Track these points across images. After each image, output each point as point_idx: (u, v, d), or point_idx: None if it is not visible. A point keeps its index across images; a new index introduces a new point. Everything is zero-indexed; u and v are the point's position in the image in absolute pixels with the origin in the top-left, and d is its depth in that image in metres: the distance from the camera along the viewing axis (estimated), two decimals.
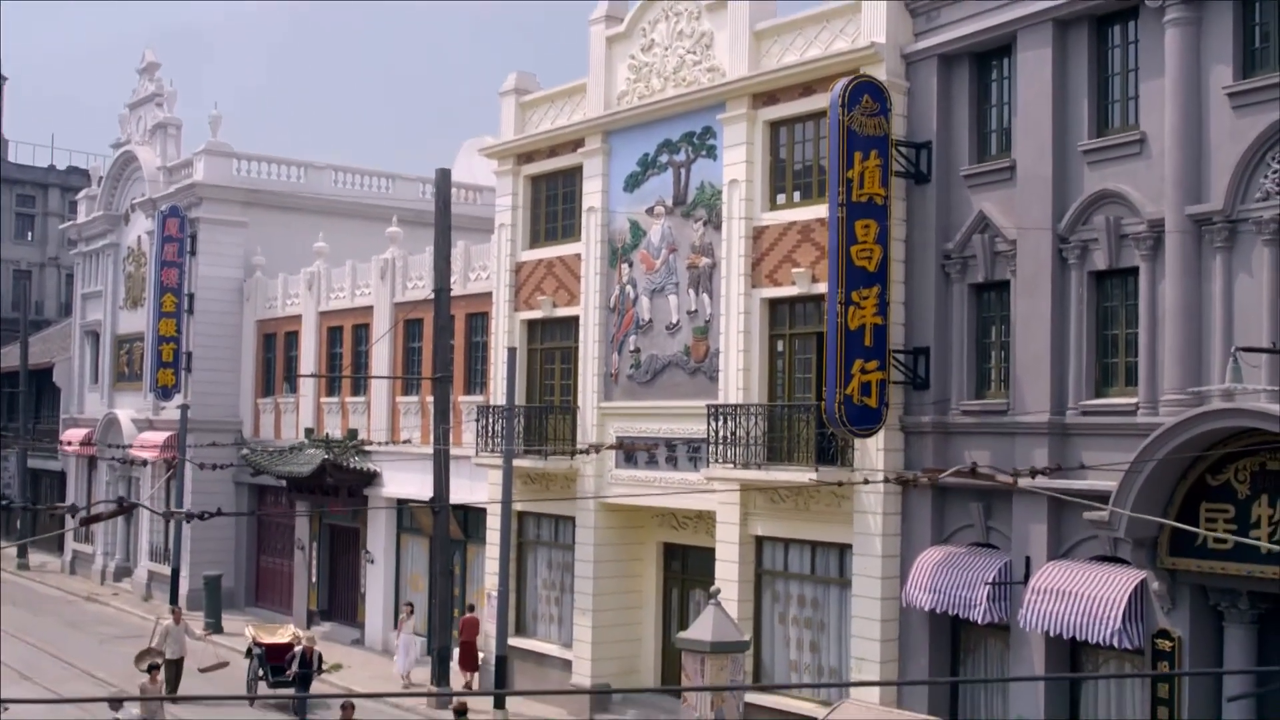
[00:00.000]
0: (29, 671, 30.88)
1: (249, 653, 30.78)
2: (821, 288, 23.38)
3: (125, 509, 10.99)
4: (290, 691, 28.75)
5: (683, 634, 23.13)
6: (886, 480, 19.18)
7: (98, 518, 11.12)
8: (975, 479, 15.37)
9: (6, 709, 21.11)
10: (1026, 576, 20.17)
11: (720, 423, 24.20)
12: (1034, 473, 14.98)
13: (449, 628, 30.45)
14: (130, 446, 44.47)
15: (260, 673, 30.08)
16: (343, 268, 39.48)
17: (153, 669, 25.46)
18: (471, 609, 31.70)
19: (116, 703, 28.52)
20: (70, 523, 43.45)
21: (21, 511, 56.52)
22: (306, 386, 40.34)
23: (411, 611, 32.47)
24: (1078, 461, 19.87)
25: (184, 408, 42.27)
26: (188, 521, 12.61)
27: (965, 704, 21.75)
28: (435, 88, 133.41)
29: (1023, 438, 20.59)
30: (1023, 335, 20.81)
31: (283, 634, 31.08)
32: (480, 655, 30.79)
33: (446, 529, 30.15)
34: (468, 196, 44.48)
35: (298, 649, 28.83)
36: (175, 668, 29.64)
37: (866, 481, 19.45)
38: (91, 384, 53.36)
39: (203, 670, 29.18)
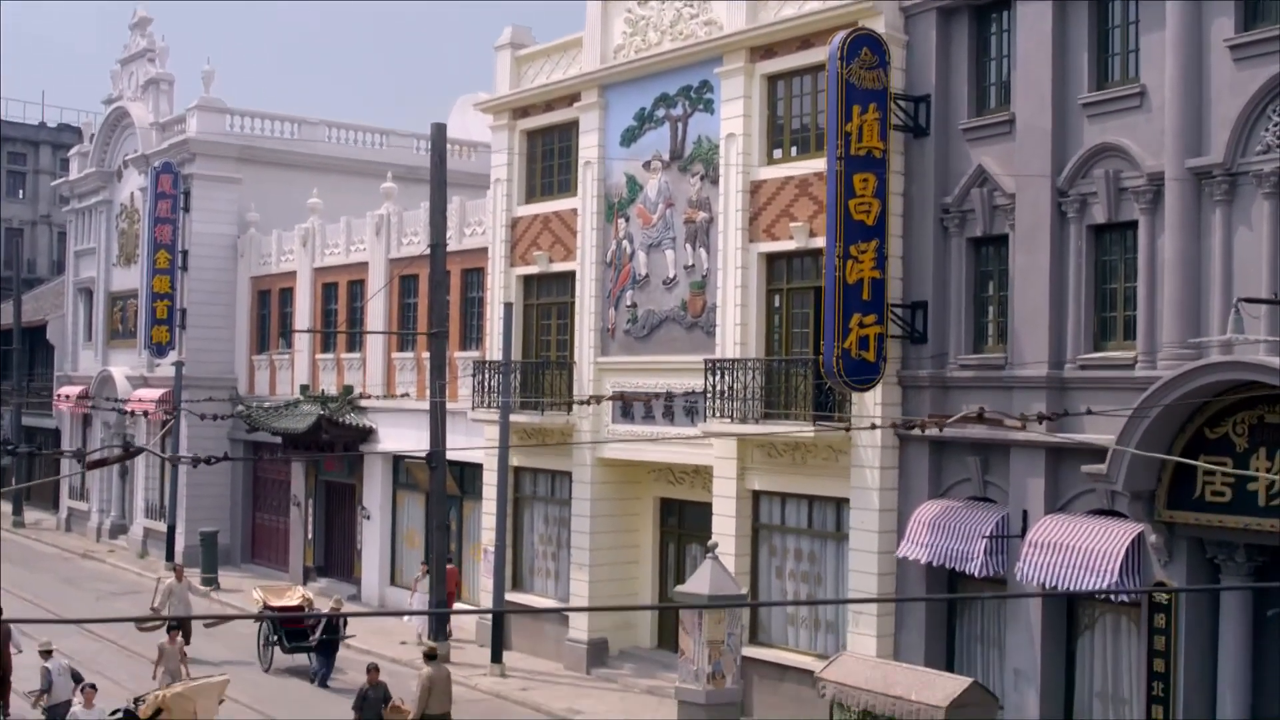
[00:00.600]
0: (26, 628, 30.88)
1: (259, 617, 29.92)
2: (819, 242, 23.33)
3: (132, 454, 10.99)
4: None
5: (680, 587, 23.23)
6: (893, 427, 19.15)
7: (104, 461, 11.16)
8: (982, 423, 15.34)
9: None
10: (1024, 530, 20.22)
11: (718, 377, 24.19)
12: (1041, 418, 15.02)
13: (444, 582, 30.49)
14: (125, 401, 44.40)
15: (273, 637, 29.07)
16: (337, 224, 39.36)
17: (171, 629, 25.16)
18: (450, 561, 32.21)
19: (144, 623, 28.71)
20: (76, 467, 43.13)
21: (26, 457, 56.49)
22: (301, 343, 40.28)
23: (427, 571, 31.45)
24: (1077, 418, 19.86)
25: (179, 364, 42.23)
26: (194, 466, 12.58)
27: (962, 656, 21.84)
28: (429, 44, 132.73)
29: (1020, 391, 20.59)
30: (1021, 289, 20.79)
31: (291, 596, 30.12)
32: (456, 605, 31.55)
33: (443, 484, 30.16)
34: (462, 153, 44.35)
35: (325, 611, 28.27)
36: (180, 626, 29.38)
37: (874, 426, 19.49)
38: (85, 341, 53.29)
39: (208, 626, 28.98)
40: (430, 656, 22.70)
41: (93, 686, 20.56)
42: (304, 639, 28.61)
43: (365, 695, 21.85)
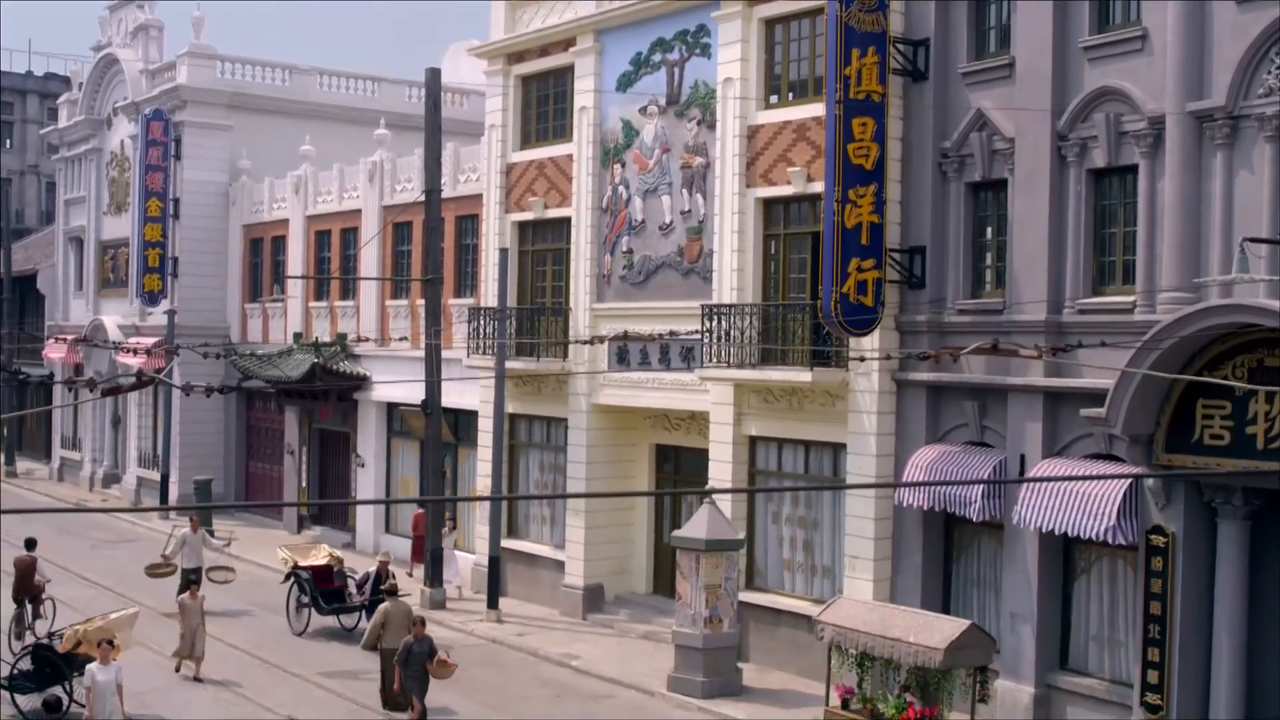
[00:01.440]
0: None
1: (289, 577, 27.93)
2: (817, 187, 23.25)
3: (145, 383, 10.94)
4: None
5: (678, 532, 23.29)
6: (908, 356, 19.10)
7: (118, 389, 11.07)
8: (996, 354, 15.29)
9: None
10: (1021, 474, 20.25)
11: (715, 323, 24.15)
12: (1054, 350, 15.12)
13: (440, 528, 30.56)
14: (121, 343, 44.19)
15: (305, 598, 27.45)
16: (330, 171, 39.19)
17: (191, 584, 24.45)
18: (422, 505, 33.07)
19: (156, 570, 28.62)
20: (84, 399, 42.69)
21: (18, 398, 56.40)
22: (294, 290, 40.19)
23: (454, 526, 31.41)
24: (1075, 361, 19.88)
25: (171, 313, 42.16)
26: (208, 395, 12.50)
27: (958, 600, 21.91)
28: None
29: (1019, 336, 20.54)
30: (1020, 234, 20.73)
31: (317, 555, 28.29)
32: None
33: (439, 430, 30.17)
34: (455, 100, 44.12)
35: (371, 570, 26.85)
36: (191, 578, 28.32)
37: (888, 357, 19.45)
38: (76, 291, 53.10)
39: (210, 576, 28.53)
40: (390, 593, 23.23)
41: (110, 643, 19.39)
42: (341, 599, 27.34)
43: (410, 649, 20.77)
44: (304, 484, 40.34)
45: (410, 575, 32.08)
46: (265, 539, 36.51)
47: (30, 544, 27.54)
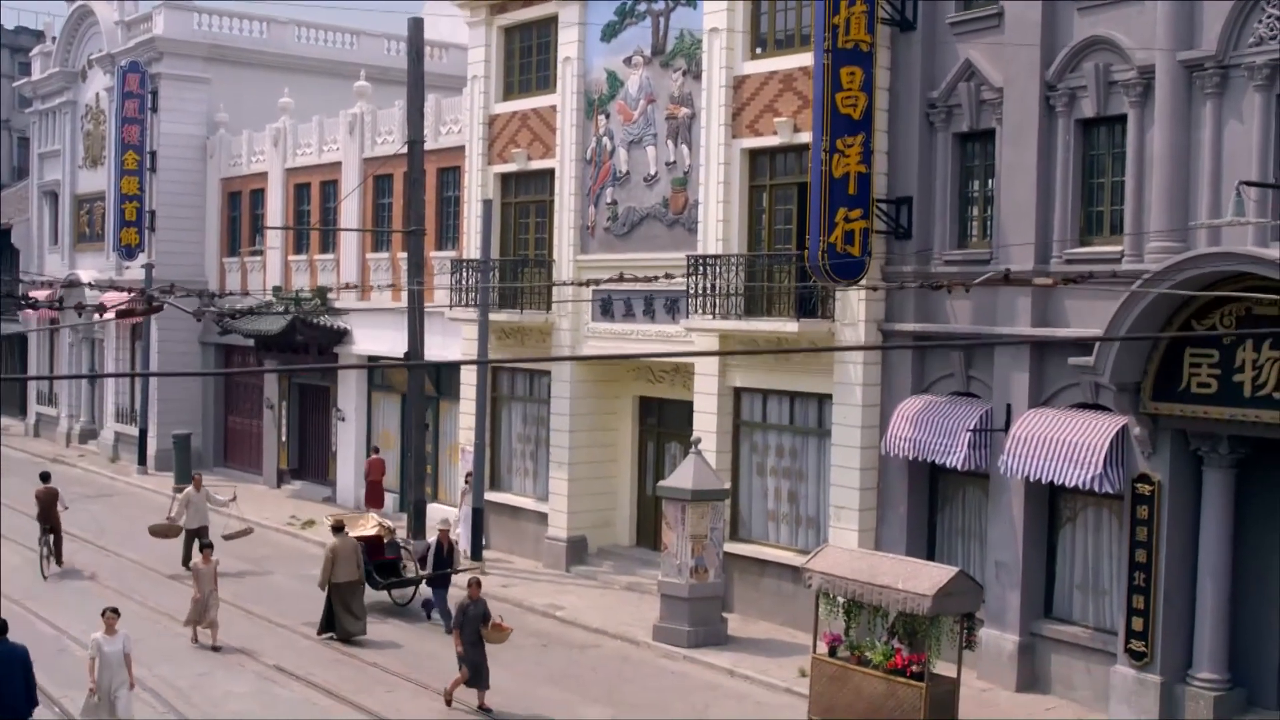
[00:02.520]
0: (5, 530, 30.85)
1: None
2: (803, 138, 23.18)
3: (155, 309, 10.84)
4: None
5: (664, 482, 23.31)
6: (921, 286, 19.02)
7: (131, 313, 10.96)
8: (1009, 285, 15.24)
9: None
10: (1007, 424, 20.30)
11: (700, 274, 24.09)
12: (1066, 280, 15.19)
13: (423, 481, 30.50)
14: (97, 287, 43.77)
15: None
16: (309, 124, 38.88)
17: (205, 548, 23.23)
18: (376, 450, 34.53)
19: (160, 527, 28.36)
20: (92, 316, 41.62)
21: None
22: (274, 243, 39.92)
23: (471, 485, 29.58)
24: (1062, 311, 19.92)
25: (148, 267, 41.84)
26: (218, 324, 12.39)
27: (943, 550, 21.98)
28: None
29: (1006, 287, 20.52)
30: (1007, 184, 20.70)
31: (366, 525, 26.18)
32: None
33: (422, 383, 30.07)
34: (434, 55, 43.76)
35: (431, 542, 24.49)
36: (196, 537, 27.80)
37: (901, 286, 19.37)
38: (51, 245, 52.72)
39: (227, 538, 27.57)
40: (337, 529, 23.88)
41: (114, 611, 17.85)
42: (395, 572, 25.50)
43: (465, 611, 19.54)
44: (284, 439, 40.22)
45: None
46: (247, 495, 36.34)
47: (46, 476, 30.21)
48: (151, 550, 30.36)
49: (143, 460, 43.05)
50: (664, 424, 28.39)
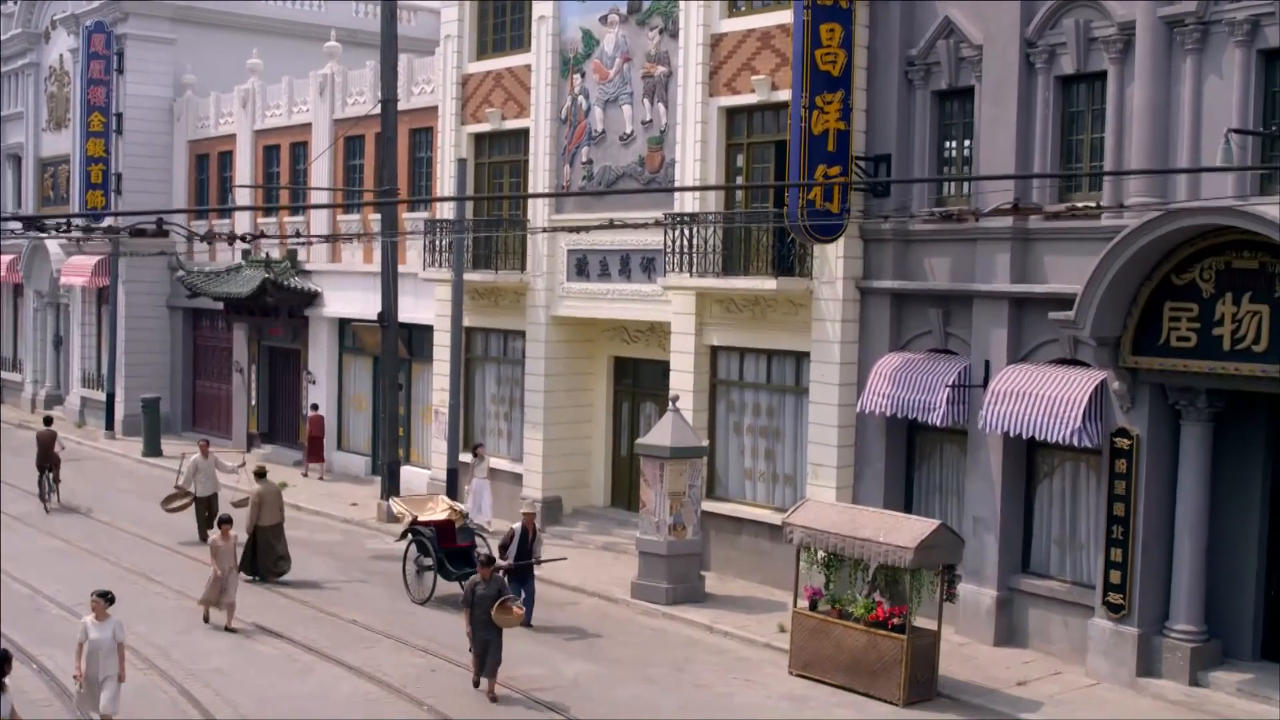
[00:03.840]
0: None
1: (406, 534, 23.72)
2: (781, 96, 23.14)
3: (163, 231, 10.71)
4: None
5: (642, 439, 23.30)
6: (931, 215, 18.99)
7: (143, 232, 10.81)
8: (1017, 213, 15.21)
9: None
10: (986, 380, 20.38)
11: (677, 232, 24.04)
12: (1072, 210, 15.28)
13: (397, 444, 30.45)
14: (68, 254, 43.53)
15: (426, 560, 23.31)
16: (279, 85, 38.54)
17: (223, 524, 21.69)
18: (315, 408, 35.68)
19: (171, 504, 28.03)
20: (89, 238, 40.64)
21: None
22: (243, 201, 39.57)
23: (483, 455, 28.50)
24: (1041, 269, 20.00)
25: (114, 230, 41.36)
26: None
27: (919, 506, 22.05)
28: None
29: (984, 244, 20.61)
30: (987, 142, 20.72)
31: (435, 508, 24.24)
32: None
33: (395, 343, 29.97)
34: (404, 17, 43.44)
35: (516, 528, 21.88)
36: (208, 506, 27.56)
37: (911, 216, 19.30)
38: (15, 209, 52.09)
39: (236, 505, 26.30)
40: (260, 475, 24.93)
41: (102, 595, 16.00)
42: (470, 561, 22.79)
43: (474, 590, 18.15)
44: (253, 402, 40.02)
45: (305, 475, 35.10)
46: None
47: (48, 420, 33.48)
48: (124, 512, 30.25)
49: (110, 425, 42.75)
50: (639, 384, 28.38)
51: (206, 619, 21.53)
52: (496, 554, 21.45)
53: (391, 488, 29.50)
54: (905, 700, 17.89)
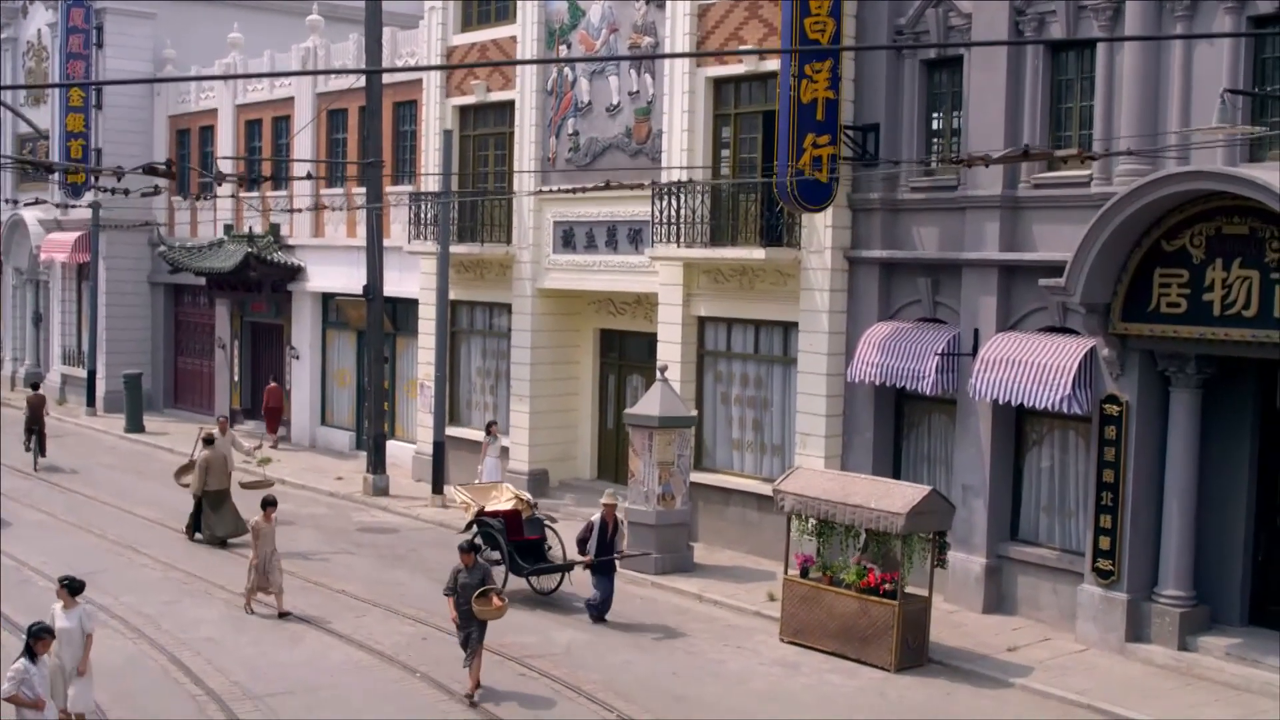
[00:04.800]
0: None
1: (471, 525, 22.00)
2: (769, 66, 23.10)
3: (172, 174, 10.63)
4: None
5: (631, 409, 23.30)
6: (942, 161, 18.89)
7: (155, 170, 10.73)
8: (1026, 159, 15.16)
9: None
10: (975, 348, 20.40)
11: (664, 202, 24.01)
12: (1082, 158, 15.46)
13: (382, 418, 30.38)
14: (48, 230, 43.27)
15: (494, 553, 21.39)
16: (260, 58, 38.32)
17: (266, 505, 20.68)
18: (274, 379, 36.81)
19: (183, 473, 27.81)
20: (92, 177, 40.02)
21: None
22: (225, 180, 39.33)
23: (496, 434, 27.59)
24: (1030, 237, 20.02)
25: (95, 205, 41.17)
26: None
27: (908, 475, 22.07)
28: None
29: (973, 212, 20.62)
30: (976, 110, 20.70)
31: (499, 497, 22.61)
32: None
33: (381, 316, 29.88)
34: None
35: (595, 519, 20.48)
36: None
37: (926, 165, 19.27)
38: None
39: (244, 486, 25.93)
40: (208, 441, 25.58)
41: (65, 583, 15.11)
42: (541, 555, 21.67)
43: (457, 578, 17.01)
44: (236, 378, 39.89)
45: (272, 446, 35.20)
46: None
47: (35, 385, 35.23)
48: (107, 486, 30.14)
49: (91, 402, 42.59)
50: (625, 357, 28.36)
51: (249, 609, 20.39)
52: (575, 550, 20.67)
53: (378, 462, 29.45)
54: (897, 666, 17.95)
